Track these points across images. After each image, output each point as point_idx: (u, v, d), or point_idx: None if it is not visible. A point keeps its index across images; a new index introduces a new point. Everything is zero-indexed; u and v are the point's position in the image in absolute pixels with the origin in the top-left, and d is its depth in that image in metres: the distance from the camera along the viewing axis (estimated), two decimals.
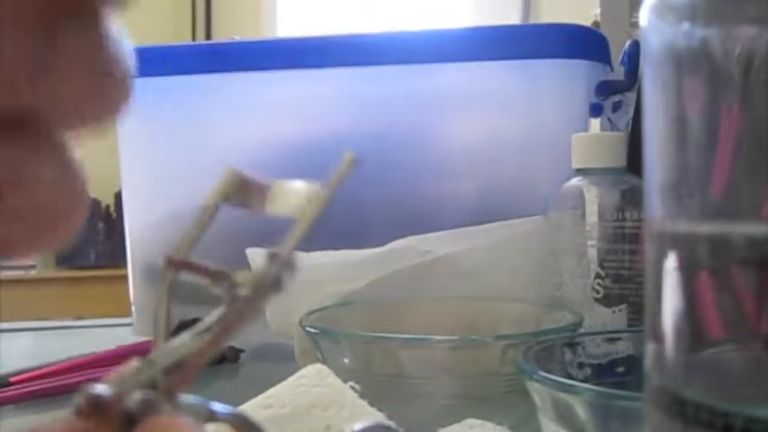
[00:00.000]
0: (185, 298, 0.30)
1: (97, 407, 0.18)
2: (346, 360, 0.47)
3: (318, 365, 0.43)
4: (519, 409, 0.42)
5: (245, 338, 0.65)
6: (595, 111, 0.77)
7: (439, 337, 0.47)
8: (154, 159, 0.77)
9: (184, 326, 0.21)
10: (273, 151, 0.74)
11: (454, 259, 0.60)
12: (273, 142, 0.75)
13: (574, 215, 0.55)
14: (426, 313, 0.56)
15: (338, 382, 0.42)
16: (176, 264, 0.22)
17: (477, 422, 0.40)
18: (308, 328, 0.49)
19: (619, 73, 0.72)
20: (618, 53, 0.72)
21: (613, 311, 0.52)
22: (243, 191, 0.23)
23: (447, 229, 0.63)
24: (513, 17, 2.30)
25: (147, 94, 0.75)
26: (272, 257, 0.20)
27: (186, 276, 0.23)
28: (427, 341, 0.47)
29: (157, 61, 0.75)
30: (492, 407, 0.44)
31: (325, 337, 0.48)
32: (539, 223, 0.58)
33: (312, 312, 0.52)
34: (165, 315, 0.22)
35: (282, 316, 0.58)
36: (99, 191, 2.85)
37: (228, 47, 0.77)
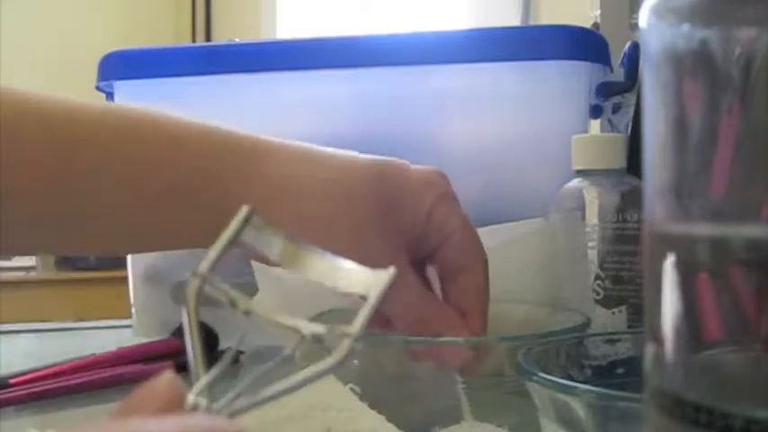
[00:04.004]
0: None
1: None
2: None
3: None
4: (519, 411, 0.41)
5: (245, 340, 0.65)
6: (595, 112, 0.77)
7: (441, 339, 0.47)
8: None
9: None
10: None
11: None
12: None
13: (574, 216, 0.55)
14: None
15: (338, 384, 0.42)
16: (199, 292, 0.22)
17: (478, 424, 0.40)
18: None
19: (619, 74, 0.72)
20: (618, 55, 0.72)
21: (613, 313, 0.52)
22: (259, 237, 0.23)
23: None
24: (512, 18, 2.30)
25: (148, 95, 0.75)
26: (344, 335, 0.21)
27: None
28: (429, 342, 0.47)
29: (158, 63, 0.75)
30: (492, 408, 0.44)
31: None
32: (539, 225, 0.57)
33: (313, 317, 0.52)
34: (199, 349, 0.22)
35: None
36: None
37: (228, 48, 0.77)
